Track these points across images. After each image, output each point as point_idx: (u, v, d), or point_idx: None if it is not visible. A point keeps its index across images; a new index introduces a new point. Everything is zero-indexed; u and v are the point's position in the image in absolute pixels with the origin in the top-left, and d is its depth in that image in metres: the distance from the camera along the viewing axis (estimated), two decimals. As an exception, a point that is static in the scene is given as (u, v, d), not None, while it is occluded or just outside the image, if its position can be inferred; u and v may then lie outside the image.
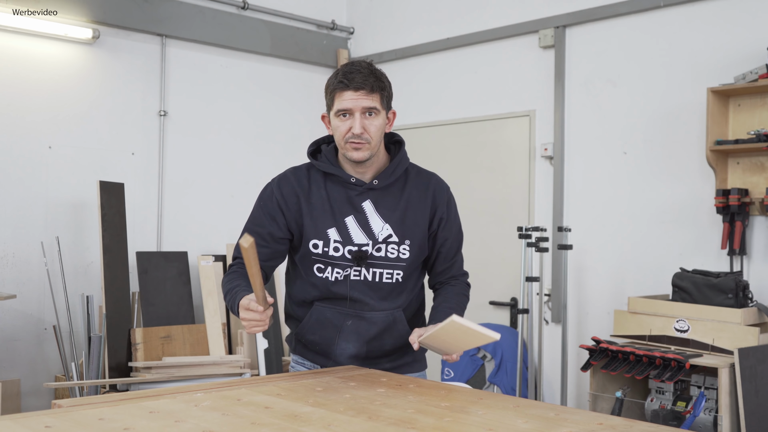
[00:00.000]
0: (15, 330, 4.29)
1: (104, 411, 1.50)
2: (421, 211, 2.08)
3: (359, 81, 1.95)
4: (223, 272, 4.80)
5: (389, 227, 2.04)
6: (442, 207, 2.11)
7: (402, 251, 2.05)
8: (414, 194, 2.08)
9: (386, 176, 2.05)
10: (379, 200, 2.05)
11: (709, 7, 3.91)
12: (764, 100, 3.66)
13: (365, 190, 2.04)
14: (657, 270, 4.03)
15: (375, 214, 2.04)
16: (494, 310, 4.79)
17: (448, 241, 2.14)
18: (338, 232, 2.02)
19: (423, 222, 2.08)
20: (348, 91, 1.95)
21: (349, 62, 2.02)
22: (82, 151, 4.54)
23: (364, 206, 2.04)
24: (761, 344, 3.31)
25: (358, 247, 2.02)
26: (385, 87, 2.02)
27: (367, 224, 2.03)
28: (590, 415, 1.59)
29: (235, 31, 5.13)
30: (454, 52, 5.09)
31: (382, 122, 2.01)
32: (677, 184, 4.00)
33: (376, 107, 1.98)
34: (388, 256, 2.04)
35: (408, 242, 2.05)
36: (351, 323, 2.07)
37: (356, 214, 2.03)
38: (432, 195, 2.10)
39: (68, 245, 4.43)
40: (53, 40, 4.42)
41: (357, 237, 2.02)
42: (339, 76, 1.98)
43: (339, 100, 1.97)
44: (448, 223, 2.12)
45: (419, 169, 2.16)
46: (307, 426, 1.44)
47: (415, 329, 1.98)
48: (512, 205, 4.73)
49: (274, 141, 5.36)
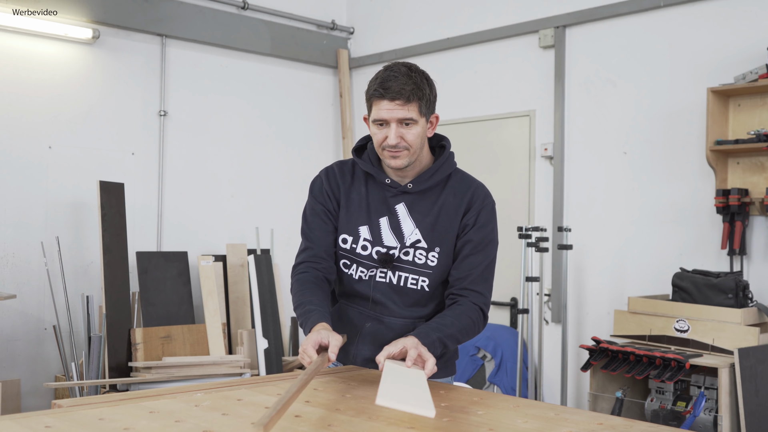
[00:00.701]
0: (15, 330, 4.29)
1: (104, 411, 1.50)
2: (454, 218, 1.99)
3: (395, 90, 1.86)
4: (223, 272, 4.80)
5: (418, 232, 1.98)
6: (472, 213, 1.99)
7: (430, 258, 1.99)
8: (450, 200, 2.00)
9: (422, 181, 1.99)
10: (414, 204, 2.00)
11: (709, 7, 3.91)
12: (764, 100, 3.66)
13: (399, 192, 2.00)
14: (657, 270, 4.03)
15: (408, 218, 1.99)
16: (494, 310, 4.79)
17: (467, 247, 1.98)
18: (370, 231, 2.00)
19: (454, 229, 1.99)
20: (384, 100, 1.88)
21: (388, 66, 1.93)
22: (82, 151, 4.54)
23: (398, 209, 2.00)
24: (761, 344, 3.31)
25: (387, 249, 1.99)
26: (424, 94, 1.91)
27: (399, 227, 1.99)
28: (590, 415, 1.59)
29: (235, 31, 5.13)
30: (454, 52, 5.09)
31: (421, 130, 1.93)
32: (677, 184, 4.00)
33: (413, 117, 1.89)
34: (415, 261, 1.99)
35: (437, 249, 1.98)
36: (370, 325, 2.03)
37: (390, 216, 2.00)
38: (468, 202, 2.00)
39: (68, 245, 4.43)
40: (53, 40, 4.42)
41: (387, 239, 1.99)
42: (377, 82, 1.90)
43: (376, 109, 1.90)
44: (474, 229, 1.99)
45: (464, 175, 2.06)
46: (307, 426, 1.44)
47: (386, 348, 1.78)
48: (512, 205, 4.73)
49: (274, 141, 5.36)
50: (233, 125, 5.19)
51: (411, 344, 1.76)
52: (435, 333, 1.85)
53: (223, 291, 4.78)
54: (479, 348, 4.47)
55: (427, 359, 1.73)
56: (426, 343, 1.79)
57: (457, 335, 1.91)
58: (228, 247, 4.89)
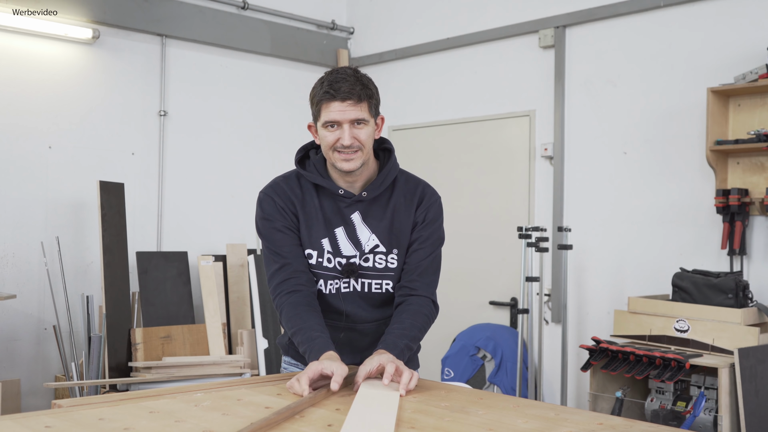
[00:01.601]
0: (15, 330, 4.29)
1: (104, 411, 1.50)
2: (407, 218, 2.02)
3: (346, 91, 1.87)
4: (223, 272, 4.80)
5: (375, 237, 2.00)
6: (421, 210, 2.03)
7: (390, 261, 2.01)
8: (401, 202, 2.02)
9: (375, 187, 1.99)
10: (368, 210, 2.00)
11: (709, 7, 3.91)
12: (764, 100, 3.66)
13: (354, 202, 1.99)
14: (657, 270, 4.03)
15: (362, 225, 2.00)
16: (494, 310, 4.79)
17: (417, 242, 2.02)
18: (330, 243, 1.99)
19: (408, 228, 2.02)
20: (335, 101, 1.88)
21: (334, 70, 1.94)
22: (82, 151, 4.54)
23: (353, 218, 2.00)
24: (761, 344, 3.31)
25: (347, 259, 1.99)
26: (373, 94, 1.94)
27: (355, 235, 1.99)
28: (590, 415, 1.59)
29: (235, 31, 5.13)
30: (454, 52, 5.09)
31: (372, 130, 1.94)
32: (677, 184, 4.00)
33: (365, 117, 1.91)
34: (376, 267, 2.00)
35: (396, 251, 2.01)
36: (344, 335, 2.05)
37: (345, 226, 2.00)
38: (417, 201, 2.03)
39: (68, 245, 4.43)
40: (53, 40, 4.42)
41: (345, 249, 1.99)
42: (324, 85, 1.90)
43: (326, 111, 1.90)
44: (423, 225, 2.02)
45: (408, 176, 2.09)
46: (307, 426, 1.44)
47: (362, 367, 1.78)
48: (512, 205, 4.73)
49: (274, 141, 5.36)
50: (233, 125, 5.19)
51: (387, 360, 1.78)
52: (401, 341, 1.89)
53: (223, 291, 4.78)
54: (479, 348, 4.47)
55: (403, 371, 1.76)
56: (396, 354, 1.83)
57: (418, 335, 1.95)
58: (228, 247, 4.89)
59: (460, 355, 4.50)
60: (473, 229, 4.84)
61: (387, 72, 5.48)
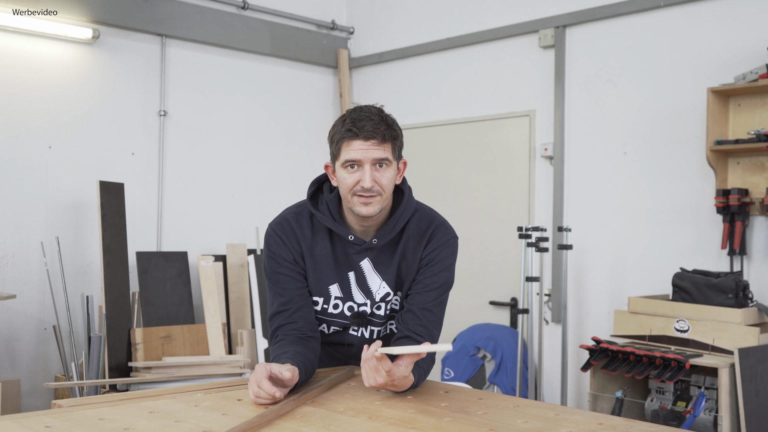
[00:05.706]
0: (15, 330, 4.29)
1: (104, 411, 1.50)
2: (413, 258, 1.92)
3: (369, 129, 1.76)
4: (223, 272, 4.80)
5: (386, 285, 1.91)
6: (429, 250, 1.90)
7: (394, 302, 1.95)
8: (410, 244, 1.92)
9: (386, 233, 1.89)
10: (378, 257, 1.91)
11: (709, 7, 3.91)
12: (764, 100, 3.66)
13: (364, 249, 1.90)
14: (657, 270, 4.03)
15: (373, 272, 1.91)
16: (494, 310, 4.79)
17: (420, 287, 1.89)
18: (340, 288, 1.92)
19: (414, 269, 1.92)
20: (357, 140, 1.76)
21: (357, 107, 1.82)
22: (82, 151, 4.54)
23: (362, 265, 1.91)
24: (761, 344, 3.31)
25: (357, 306, 1.93)
26: (398, 136, 1.83)
27: (365, 283, 1.92)
28: (590, 415, 1.59)
29: (235, 31, 5.13)
30: (454, 51, 5.09)
31: (394, 174, 1.83)
32: (677, 184, 4.00)
33: (388, 158, 1.79)
34: (386, 315, 1.96)
35: (400, 293, 1.94)
36: (350, 365, 2.03)
37: (355, 272, 1.92)
38: (426, 240, 1.91)
39: (68, 245, 4.43)
40: (53, 40, 4.42)
41: (357, 296, 1.92)
42: (347, 123, 1.78)
43: (347, 150, 1.77)
44: (428, 268, 1.90)
45: (423, 213, 1.95)
46: (307, 426, 1.44)
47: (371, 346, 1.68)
48: (512, 205, 4.73)
49: (274, 141, 5.36)
50: (233, 125, 5.19)
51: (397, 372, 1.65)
52: (421, 378, 1.80)
53: (223, 291, 4.78)
54: (479, 348, 4.47)
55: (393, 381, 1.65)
56: (415, 379, 1.73)
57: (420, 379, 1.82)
58: (228, 247, 4.89)
59: (460, 355, 4.50)
60: (473, 229, 4.84)
61: (387, 72, 5.48)
